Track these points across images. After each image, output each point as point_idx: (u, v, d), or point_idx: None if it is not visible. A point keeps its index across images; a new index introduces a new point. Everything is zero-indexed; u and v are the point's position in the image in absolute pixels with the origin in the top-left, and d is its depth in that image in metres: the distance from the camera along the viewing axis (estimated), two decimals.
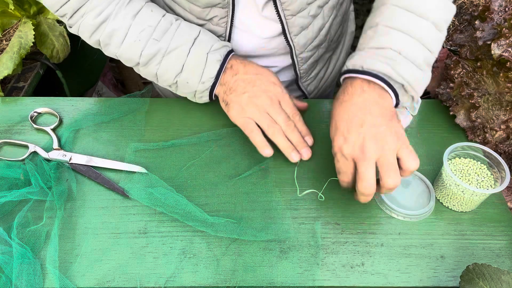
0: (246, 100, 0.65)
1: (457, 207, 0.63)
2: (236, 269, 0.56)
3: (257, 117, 0.65)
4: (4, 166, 0.65)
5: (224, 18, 0.70)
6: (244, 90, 0.66)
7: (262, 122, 0.65)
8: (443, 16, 0.61)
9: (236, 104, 0.66)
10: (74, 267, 0.56)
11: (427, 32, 0.59)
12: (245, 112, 0.65)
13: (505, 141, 0.67)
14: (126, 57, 0.68)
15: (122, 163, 0.67)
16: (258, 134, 0.65)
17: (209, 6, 0.68)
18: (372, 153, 0.54)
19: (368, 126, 0.55)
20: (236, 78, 0.67)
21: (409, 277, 0.56)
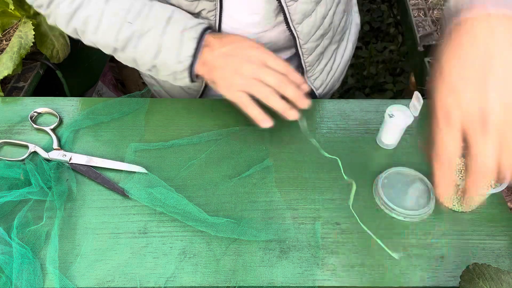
0: (231, 73, 0.62)
1: (457, 207, 0.63)
2: (236, 269, 0.56)
3: (246, 86, 0.61)
4: (4, 166, 0.65)
5: (213, 11, 0.69)
6: (226, 63, 0.63)
7: (253, 90, 0.61)
8: None
9: (222, 81, 0.63)
10: (74, 267, 0.56)
11: None
12: (233, 86, 0.62)
13: None
14: (103, 43, 0.66)
15: (122, 163, 0.67)
16: (253, 107, 0.61)
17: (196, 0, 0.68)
18: (497, 123, 0.39)
19: (495, 79, 0.39)
20: (214, 55, 0.63)
21: (409, 277, 0.56)
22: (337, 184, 0.66)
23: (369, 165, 0.68)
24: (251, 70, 0.61)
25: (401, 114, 0.67)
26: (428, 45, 0.90)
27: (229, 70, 0.62)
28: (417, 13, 0.97)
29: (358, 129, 0.73)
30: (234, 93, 0.62)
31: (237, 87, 0.62)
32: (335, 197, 0.64)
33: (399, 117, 0.66)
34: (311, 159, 0.68)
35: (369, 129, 0.73)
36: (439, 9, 0.98)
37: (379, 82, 1.80)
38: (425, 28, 0.94)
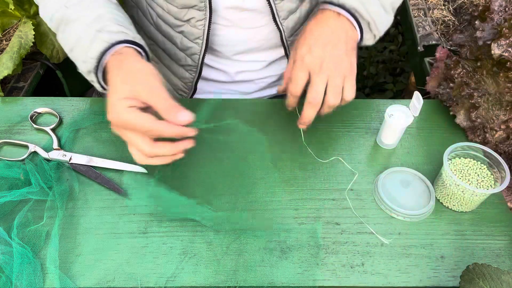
0: (110, 109, 0.55)
1: (457, 207, 0.63)
2: (236, 269, 0.56)
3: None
4: (4, 166, 0.65)
5: (202, 21, 0.70)
6: (111, 91, 0.56)
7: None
8: None
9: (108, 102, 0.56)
10: (74, 267, 0.56)
11: None
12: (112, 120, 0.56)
13: (505, 141, 0.67)
14: (44, 18, 0.65)
15: (122, 163, 0.67)
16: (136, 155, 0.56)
17: (186, 7, 0.69)
18: (328, 70, 0.59)
19: (332, 47, 0.60)
20: (114, 73, 0.57)
21: (409, 277, 0.56)
22: (337, 184, 0.66)
23: (369, 165, 0.68)
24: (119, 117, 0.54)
25: (401, 114, 0.67)
26: (428, 45, 0.90)
27: (109, 104, 0.55)
28: (417, 13, 0.97)
29: (358, 129, 0.73)
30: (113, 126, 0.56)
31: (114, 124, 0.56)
32: (335, 197, 0.64)
33: (399, 117, 0.66)
34: (311, 159, 0.68)
35: (369, 129, 0.73)
36: (439, 9, 0.98)
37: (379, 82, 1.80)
38: (425, 28, 0.94)
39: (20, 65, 0.86)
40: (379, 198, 0.63)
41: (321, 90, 0.59)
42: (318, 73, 0.59)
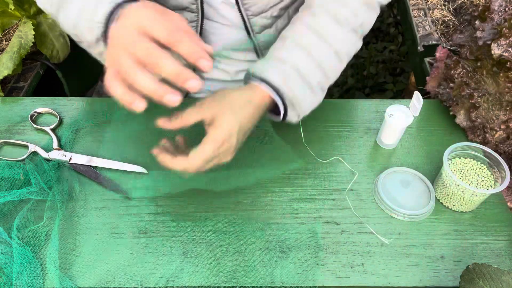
0: (108, 44, 0.51)
1: (457, 207, 0.63)
2: (236, 269, 0.56)
3: (113, 61, 0.48)
4: (4, 166, 0.65)
5: (194, 23, 0.71)
6: (110, 32, 0.51)
7: (116, 64, 0.47)
8: (346, 49, 0.63)
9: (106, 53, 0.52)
10: (74, 267, 0.56)
11: (328, 59, 0.62)
12: (107, 60, 0.49)
13: (505, 141, 0.67)
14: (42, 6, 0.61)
15: (122, 163, 0.67)
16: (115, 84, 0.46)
17: (178, 9, 0.69)
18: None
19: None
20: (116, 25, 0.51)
21: (409, 277, 0.56)
22: (337, 184, 0.66)
23: (369, 165, 0.68)
24: (120, 40, 0.48)
25: (401, 114, 0.67)
26: (428, 45, 0.90)
27: (109, 43, 0.51)
28: (417, 13, 0.97)
29: (358, 129, 0.73)
30: (106, 70, 0.49)
31: (108, 63, 0.49)
32: (335, 197, 0.64)
33: (399, 117, 0.66)
34: (311, 159, 0.68)
35: (369, 129, 0.73)
36: (439, 9, 0.98)
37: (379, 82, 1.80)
38: (425, 28, 0.94)
39: (20, 65, 0.86)
40: (379, 198, 0.63)
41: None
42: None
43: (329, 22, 0.62)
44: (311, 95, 0.61)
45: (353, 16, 0.63)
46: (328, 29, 0.62)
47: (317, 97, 0.62)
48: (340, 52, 0.62)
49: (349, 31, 0.63)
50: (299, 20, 0.63)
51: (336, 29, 0.62)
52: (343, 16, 0.62)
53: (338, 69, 0.64)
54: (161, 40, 0.45)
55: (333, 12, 0.62)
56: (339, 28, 0.62)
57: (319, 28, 0.62)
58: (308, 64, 0.60)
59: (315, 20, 0.62)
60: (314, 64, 0.60)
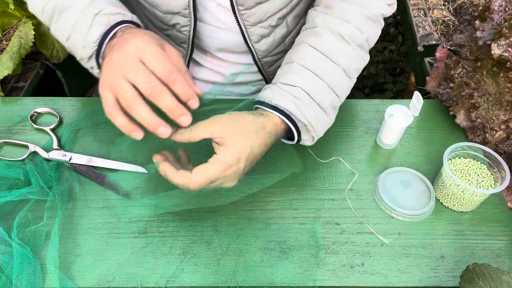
0: (104, 67, 0.52)
1: (457, 207, 0.63)
2: (236, 269, 0.56)
3: (112, 87, 0.51)
4: (4, 166, 0.65)
5: (187, 27, 0.70)
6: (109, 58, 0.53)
7: (116, 92, 0.50)
8: (354, 65, 0.63)
9: (101, 77, 0.53)
10: (74, 267, 0.56)
11: (337, 78, 0.62)
12: (104, 83, 0.52)
13: (505, 141, 0.67)
14: (34, 11, 0.63)
15: (122, 163, 0.67)
16: (117, 115, 0.51)
17: (170, 13, 0.69)
18: None
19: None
20: (110, 50, 0.54)
21: (409, 277, 0.56)
22: (337, 184, 0.66)
23: (369, 165, 0.68)
24: (118, 65, 0.50)
25: (401, 114, 0.67)
26: (428, 45, 0.90)
27: (106, 66, 0.53)
28: (417, 13, 0.97)
29: (358, 129, 0.73)
30: (102, 93, 0.52)
31: (103, 85, 0.52)
32: (335, 197, 0.64)
33: (399, 117, 0.66)
34: (311, 159, 0.68)
35: (369, 129, 0.73)
36: (439, 9, 0.98)
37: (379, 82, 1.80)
38: (425, 28, 0.94)
39: (20, 65, 0.86)
40: (379, 198, 0.63)
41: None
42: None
43: (334, 41, 0.62)
44: (324, 116, 0.61)
45: (358, 32, 0.63)
46: (334, 48, 0.61)
47: (330, 117, 0.62)
48: (349, 69, 0.62)
49: (355, 47, 0.63)
50: (303, 42, 0.63)
51: (342, 47, 0.62)
52: (347, 33, 0.62)
53: (348, 87, 0.64)
54: (159, 77, 0.50)
55: (337, 30, 0.62)
56: (345, 46, 0.62)
57: (324, 48, 0.61)
58: (318, 87, 0.60)
59: (320, 40, 0.62)
60: (323, 86, 0.60)
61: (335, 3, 0.64)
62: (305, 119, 0.58)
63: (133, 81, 0.49)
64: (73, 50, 0.60)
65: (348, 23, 0.62)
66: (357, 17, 0.63)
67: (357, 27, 0.63)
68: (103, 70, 0.52)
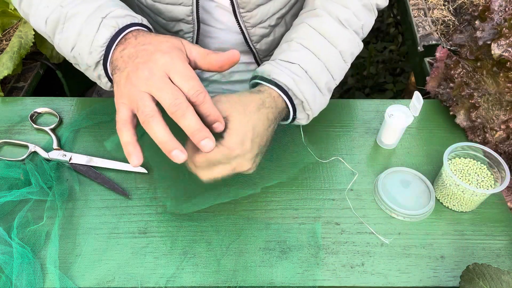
0: (124, 80, 0.49)
1: (457, 207, 0.63)
2: (236, 269, 0.56)
3: (131, 100, 0.49)
4: (4, 166, 0.65)
5: (190, 33, 0.71)
6: (126, 66, 0.50)
7: (134, 104, 0.48)
8: (350, 49, 0.64)
9: (116, 86, 0.51)
10: (74, 267, 0.56)
11: (333, 59, 0.62)
12: (121, 96, 0.50)
13: (505, 141, 0.67)
14: (37, 25, 0.60)
15: (122, 163, 0.67)
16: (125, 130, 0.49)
17: (174, 21, 0.69)
18: None
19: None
20: (122, 54, 0.52)
21: (409, 277, 0.56)
22: (337, 184, 0.66)
23: (369, 165, 0.68)
24: (143, 80, 0.48)
25: (401, 114, 0.67)
26: (428, 45, 0.90)
27: (124, 76, 0.50)
28: (417, 13, 0.97)
29: (358, 129, 0.73)
30: (118, 105, 0.50)
31: (124, 98, 0.49)
32: (335, 197, 0.64)
33: (399, 117, 0.66)
34: (311, 159, 0.68)
35: (369, 129, 0.73)
36: (439, 9, 0.98)
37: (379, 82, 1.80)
38: (425, 28, 0.94)
39: (20, 65, 0.86)
40: (379, 198, 0.63)
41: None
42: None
43: (333, 23, 0.62)
44: (320, 95, 0.61)
45: (355, 17, 0.63)
46: (332, 30, 0.62)
47: (325, 97, 0.62)
48: (345, 52, 0.63)
49: (352, 32, 0.63)
50: (302, 22, 0.63)
51: (340, 30, 0.62)
52: (345, 17, 0.62)
53: (343, 70, 0.64)
54: (187, 96, 0.47)
55: (335, 14, 0.62)
56: (343, 29, 0.62)
57: (323, 29, 0.62)
58: (316, 65, 0.60)
59: (319, 21, 0.62)
60: (321, 65, 0.60)
61: None
62: (302, 95, 0.58)
63: (158, 96, 0.47)
64: (79, 60, 0.57)
65: (347, 8, 0.63)
66: (355, 3, 0.64)
67: (354, 13, 0.63)
68: (122, 83, 0.50)
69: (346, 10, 0.63)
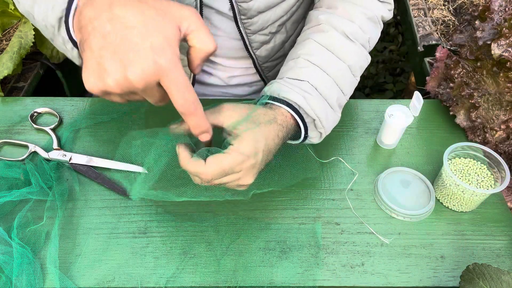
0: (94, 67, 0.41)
1: (457, 207, 0.63)
2: (236, 269, 0.56)
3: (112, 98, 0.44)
4: (4, 166, 0.65)
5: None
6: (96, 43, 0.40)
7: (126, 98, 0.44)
8: (359, 63, 0.63)
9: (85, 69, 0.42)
10: (74, 267, 0.56)
11: (342, 74, 0.61)
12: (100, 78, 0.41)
13: (505, 141, 0.67)
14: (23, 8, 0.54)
15: (122, 163, 0.67)
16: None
17: None
18: None
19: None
20: (90, 12, 0.42)
21: (409, 277, 0.56)
22: (337, 184, 0.66)
23: (369, 165, 0.68)
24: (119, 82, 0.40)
25: (401, 114, 0.67)
26: (428, 45, 0.90)
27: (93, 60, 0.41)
28: (417, 13, 0.97)
29: (358, 129, 0.73)
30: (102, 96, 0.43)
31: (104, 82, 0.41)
32: (335, 197, 0.64)
33: (399, 117, 0.66)
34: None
35: (369, 129, 0.73)
36: (439, 9, 0.98)
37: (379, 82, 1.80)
38: (425, 28, 0.94)
39: (20, 65, 0.86)
40: (379, 198, 0.63)
41: None
42: None
43: (339, 38, 0.61)
44: (331, 113, 0.60)
45: (361, 31, 0.63)
46: (340, 45, 0.61)
47: (336, 114, 0.61)
48: (354, 67, 0.62)
49: (359, 45, 0.62)
50: (308, 38, 0.62)
51: (347, 44, 0.61)
52: (351, 31, 0.62)
53: (353, 84, 0.64)
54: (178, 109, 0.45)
55: (341, 29, 0.62)
56: (350, 43, 0.62)
57: (330, 45, 0.60)
58: (325, 82, 0.59)
59: (325, 36, 0.61)
60: (330, 81, 0.59)
61: (338, 3, 0.64)
62: (314, 113, 0.56)
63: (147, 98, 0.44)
64: (43, 25, 0.50)
65: (352, 22, 0.62)
66: (360, 17, 0.63)
67: (360, 27, 0.63)
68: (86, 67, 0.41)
69: (352, 24, 0.62)
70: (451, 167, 0.63)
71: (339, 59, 0.60)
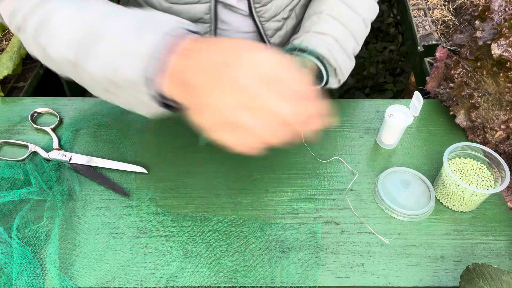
0: (222, 96, 0.41)
1: (457, 207, 0.63)
2: (236, 269, 0.56)
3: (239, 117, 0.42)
4: (4, 166, 0.65)
5: (207, 34, 0.71)
6: (213, 79, 0.40)
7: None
8: (370, 15, 0.72)
9: (206, 109, 0.42)
10: (74, 267, 0.56)
11: (358, 26, 0.69)
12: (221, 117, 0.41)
13: (505, 141, 0.67)
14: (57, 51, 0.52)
15: (122, 163, 0.67)
16: None
17: (191, 20, 0.69)
18: None
19: None
20: (194, 65, 0.41)
21: (409, 277, 0.56)
22: (337, 184, 0.66)
23: (369, 165, 0.68)
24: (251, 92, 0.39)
25: (401, 114, 0.67)
26: (428, 45, 0.90)
27: (218, 90, 0.40)
28: (417, 13, 0.97)
29: (358, 129, 0.73)
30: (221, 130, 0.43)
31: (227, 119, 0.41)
32: (335, 197, 0.64)
33: (399, 117, 0.66)
34: (311, 159, 0.68)
35: (369, 129, 0.73)
36: (439, 9, 0.98)
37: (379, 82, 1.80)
38: (425, 28, 0.94)
39: (20, 65, 0.86)
40: (379, 198, 0.63)
41: None
42: None
43: None
44: (348, 61, 0.68)
45: None
46: (355, 0, 0.69)
47: (352, 62, 0.69)
48: (366, 19, 0.70)
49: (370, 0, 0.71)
50: None
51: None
52: None
53: (365, 35, 0.72)
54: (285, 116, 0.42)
55: None
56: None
57: (348, 0, 0.69)
58: (345, 35, 0.67)
59: None
60: (349, 34, 0.67)
61: None
62: (336, 63, 0.64)
63: (278, 111, 0.41)
64: (116, 76, 0.45)
65: None
66: None
67: None
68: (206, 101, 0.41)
69: None
70: (451, 167, 0.63)
71: (355, 13, 0.69)
